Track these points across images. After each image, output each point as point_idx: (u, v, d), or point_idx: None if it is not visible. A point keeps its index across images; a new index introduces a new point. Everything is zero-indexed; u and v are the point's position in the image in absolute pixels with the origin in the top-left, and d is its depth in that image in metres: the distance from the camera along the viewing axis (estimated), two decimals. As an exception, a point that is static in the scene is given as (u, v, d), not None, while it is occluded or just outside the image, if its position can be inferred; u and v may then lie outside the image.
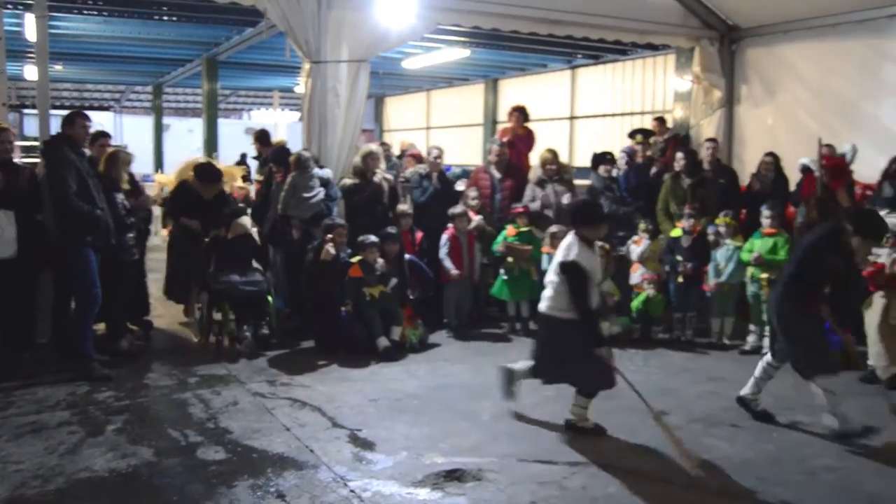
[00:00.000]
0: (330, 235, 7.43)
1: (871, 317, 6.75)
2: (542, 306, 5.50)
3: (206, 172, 8.33)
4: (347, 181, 8.47)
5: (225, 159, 14.89)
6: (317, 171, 8.12)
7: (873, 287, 6.72)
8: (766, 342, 7.44)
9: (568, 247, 5.38)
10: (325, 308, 7.44)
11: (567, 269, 5.26)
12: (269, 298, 7.62)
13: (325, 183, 8.15)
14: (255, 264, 7.80)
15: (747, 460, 4.94)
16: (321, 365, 6.99)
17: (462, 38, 12.12)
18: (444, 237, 8.31)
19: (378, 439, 5.17)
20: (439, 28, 9.87)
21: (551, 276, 5.45)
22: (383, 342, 7.27)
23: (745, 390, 5.82)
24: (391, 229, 7.87)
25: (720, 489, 4.54)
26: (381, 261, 7.53)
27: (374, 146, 8.97)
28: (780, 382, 6.47)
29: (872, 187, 7.86)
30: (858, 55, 9.41)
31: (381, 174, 8.50)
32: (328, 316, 7.44)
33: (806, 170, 8.51)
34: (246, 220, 7.96)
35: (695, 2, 10.69)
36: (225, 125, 17.99)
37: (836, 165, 7.77)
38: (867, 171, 8.00)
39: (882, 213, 6.80)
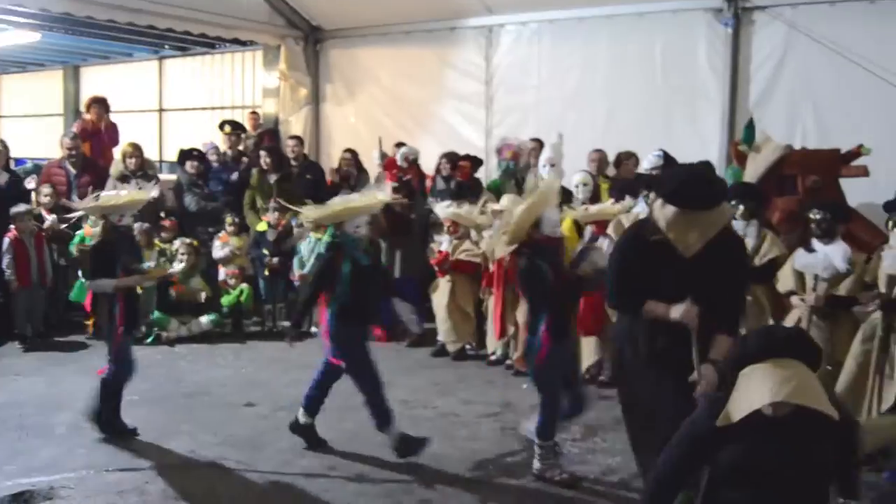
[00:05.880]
0: None
1: (440, 298, 7.51)
2: None
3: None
4: None
5: None
6: None
7: (441, 273, 7.49)
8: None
9: None
10: None
11: None
12: None
13: None
14: None
15: (330, 440, 5.24)
16: None
17: (32, 21, 11.04)
18: (7, 241, 7.46)
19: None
20: (3, 7, 8.90)
21: None
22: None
23: None
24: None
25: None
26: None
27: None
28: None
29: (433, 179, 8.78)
30: (426, 61, 10.29)
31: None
32: None
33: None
34: None
35: (280, 1, 10.87)
36: None
37: (388, 162, 8.80)
38: (432, 165, 8.88)
39: (441, 203, 7.63)
